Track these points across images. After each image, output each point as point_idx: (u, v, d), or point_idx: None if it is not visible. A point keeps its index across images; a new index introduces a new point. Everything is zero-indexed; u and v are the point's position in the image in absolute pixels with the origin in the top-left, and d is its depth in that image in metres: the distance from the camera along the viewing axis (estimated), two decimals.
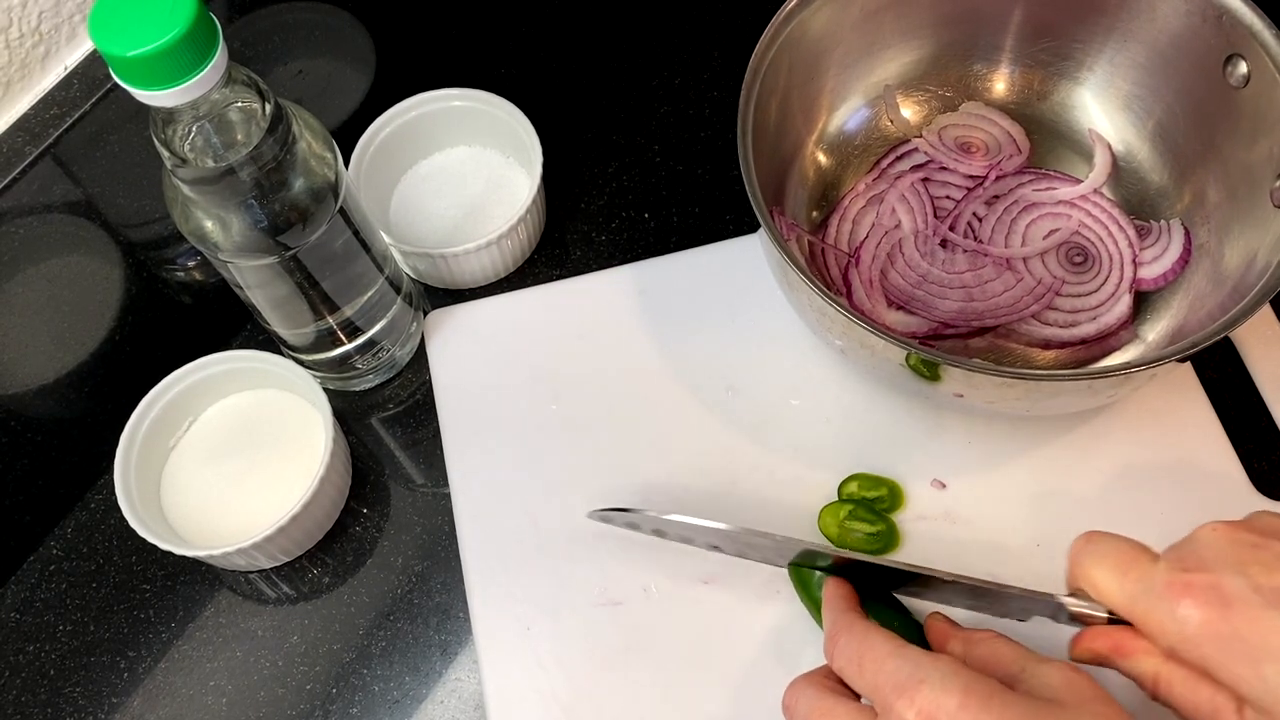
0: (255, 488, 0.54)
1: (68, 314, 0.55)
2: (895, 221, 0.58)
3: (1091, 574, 0.39)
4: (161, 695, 0.52)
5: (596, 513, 0.49)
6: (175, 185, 0.44)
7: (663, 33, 0.69)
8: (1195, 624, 0.36)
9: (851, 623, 0.40)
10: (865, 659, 0.38)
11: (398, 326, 0.56)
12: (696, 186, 0.63)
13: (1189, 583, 0.36)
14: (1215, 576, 0.36)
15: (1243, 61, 0.50)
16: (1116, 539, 0.40)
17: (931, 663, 0.36)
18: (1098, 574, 0.39)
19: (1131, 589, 0.38)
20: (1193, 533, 0.39)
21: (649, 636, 0.50)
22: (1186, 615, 0.36)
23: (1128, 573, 0.38)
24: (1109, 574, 0.39)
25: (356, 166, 0.59)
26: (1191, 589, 0.36)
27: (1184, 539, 0.39)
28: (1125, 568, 0.38)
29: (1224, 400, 0.54)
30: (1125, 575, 0.38)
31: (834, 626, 0.41)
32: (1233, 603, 0.35)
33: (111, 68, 0.38)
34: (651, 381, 0.56)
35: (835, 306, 0.45)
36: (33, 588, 0.55)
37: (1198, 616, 0.36)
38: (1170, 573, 0.37)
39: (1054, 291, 0.56)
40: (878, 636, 0.39)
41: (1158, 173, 0.57)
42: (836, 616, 0.42)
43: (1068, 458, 0.53)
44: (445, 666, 0.52)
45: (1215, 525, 0.38)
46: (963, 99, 0.60)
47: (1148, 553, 0.39)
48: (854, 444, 0.54)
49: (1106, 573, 0.39)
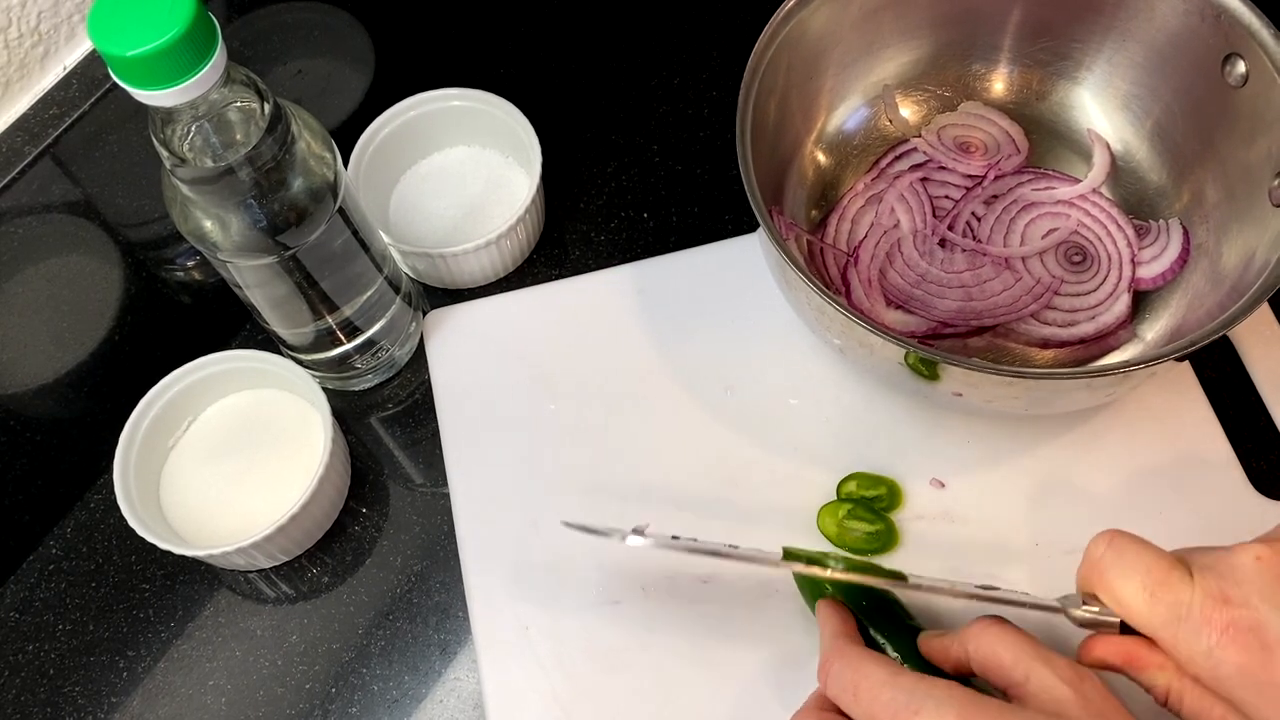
0: (255, 487, 0.54)
1: (67, 314, 0.55)
2: (894, 221, 0.58)
3: (1115, 585, 0.37)
4: (161, 695, 0.52)
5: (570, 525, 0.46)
6: (174, 185, 0.44)
7: (662, 33, 0.69)
8: (1231, 666, 0.34)
9: (844, 649, 0.39)
10: (860, 688, 0.37)
11: (397, 326, 0.56)
12: (695, 186, 0.63)
13: (1230, 621, 0.34)
14: (1257, 615, 0.34)
15: (1241, 61, 0.50)
16: (1143, 548, 0.37)
17: (927, 690, 0.35)
18: (1124, 588, 0.37)
19: (1164, 614, 0.36)
20: (1232, 554, 0.36)
21: (649, 636, 0.50)
22: (1223, 657, 0.34)
23: (1157, 594, 0.36)
24: (1137, 591, 0.36)
25: (356, 166, 0.59)
26: (1231, 629, 0.34)
27: (1221, 559, 0.36)
28: (1154, 587, 0.36)
29: (1223, 399, 0.54)
30: (1155, 597, 0.36)
31: (828, 653, 0.40)
32: (1275, 651, 0.33)
33: (110, 68, 0.38)
34: (650, 381, 0.56)
35: (834, 305, 0.45)
36: (32, 587, 0.55)
37: (1236, 660, 0.34)
38: (1209, 605, 0.35)
39: (1053, 291, 0.56)
40: (871, 664, 0.38)
41: (1156, 172, 0.57)
42: (830, 642, 0.41)
43: (1067, 457, 0.53)
44: (444, 666, 0.52)
45: (1260, 553, 0.36)
46: (961, 99, 0.60)
47: (1179, 568, 0.36)
48: (853, 443, 0.54)
49: (1135, 589, 0.36)
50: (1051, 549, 0.51)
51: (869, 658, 0.38)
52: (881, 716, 0.36)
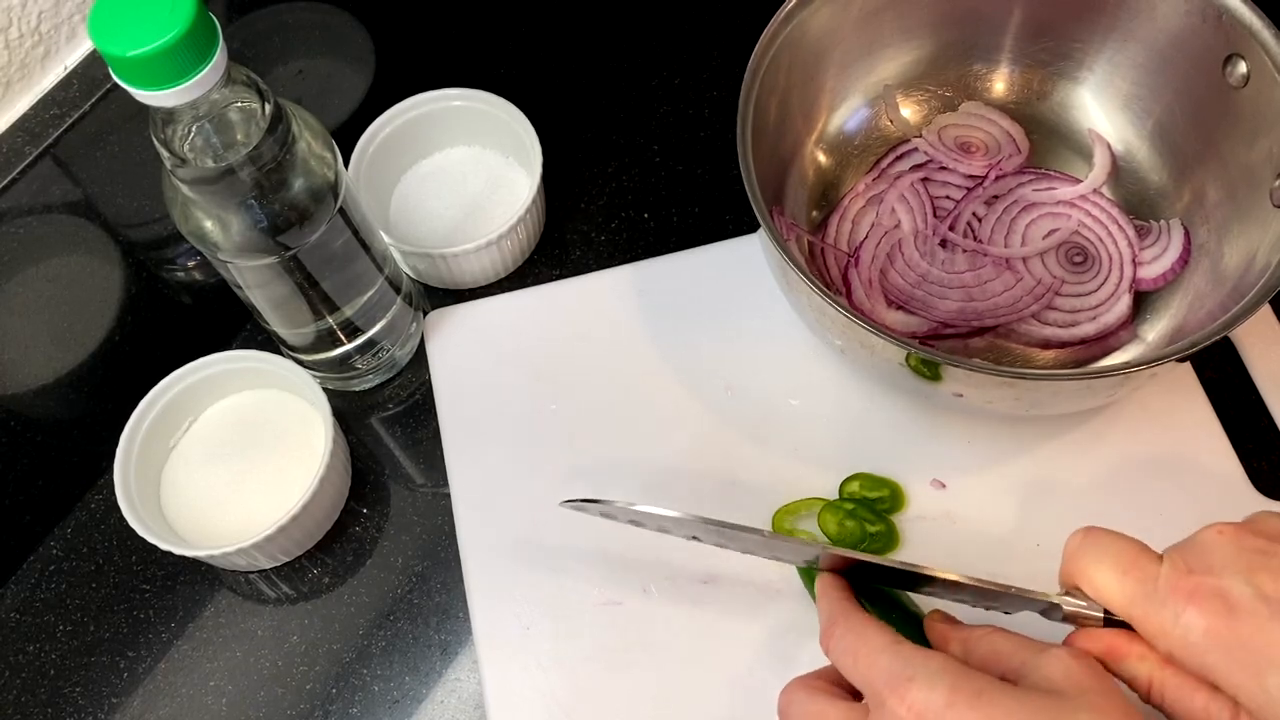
0: (255, 488, 0.54)
1: (68, 314, 0.55)
2: (895, 221, 0.58)
3: (1090, 572, 0.39)
4: (161, 695, 0.52)
5: (568, 503, 0.47)
6: (175, 185, 0.44)
7: (662, 33, 0.69)
8: (1199, 631, 0.35)
9: (848, 613, 0.40)
10: (860, 652, 0.38)
11: (397, 326, 0.56)
12: (696, 186, 0.63)
13: (1194, 587, 0.36)
14: (1221, 582, 0.35)
15: (1242, 61, 0.50)
16: (1116, 536, 0.39)
17: (923, 660, 0.36)
18: (1096, 572, 0.38)
19: (1132, 590, 0.37)
20: (1196, 534, 0.38)
21: (649, 636, 0.50)
22: (1190, 622, 0.35)
23: (1128, 573, 0.37)
24: (1109, 573, 0.38)
25: (356, 166, 0.59)
26: (1196, 595, 0.35)
27: (1187, 540, 0.38)
28: (1126, 567, 0.38)
29: (1224, 400, 0.54)
30: (1126, 575, 0.38)
31: (830, 618, 0.40)
32: (1238, 611, 0.35)
33: (111, 68, 0.38)
34: (651, 381, 0.56)
35: (835, 306, 0.45)
36: (33, 588, 0.55)
37: (1202, 624, 0.35)
38: (1174, 575, 0.36)
39: (1053, 291, 0.56)
40: (873, 630, 0.38)
41: (1157, 172, 0.57)
42: (832, 606, 0.41)
43: (1067, 457, 0.53)
44: (445, 666, 0.52)
45: (1221, 528, 0.37)
46: (962, 99, 0.60)
47: (1148, 552, 0.38)
48: (853, 444, 0.54)
49: (1106, 571, 0.38)
50: (1052, 549, 0.50)
51: (871, 624, 0.39)
52: (877, 681, 0.36)
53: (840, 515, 0.51)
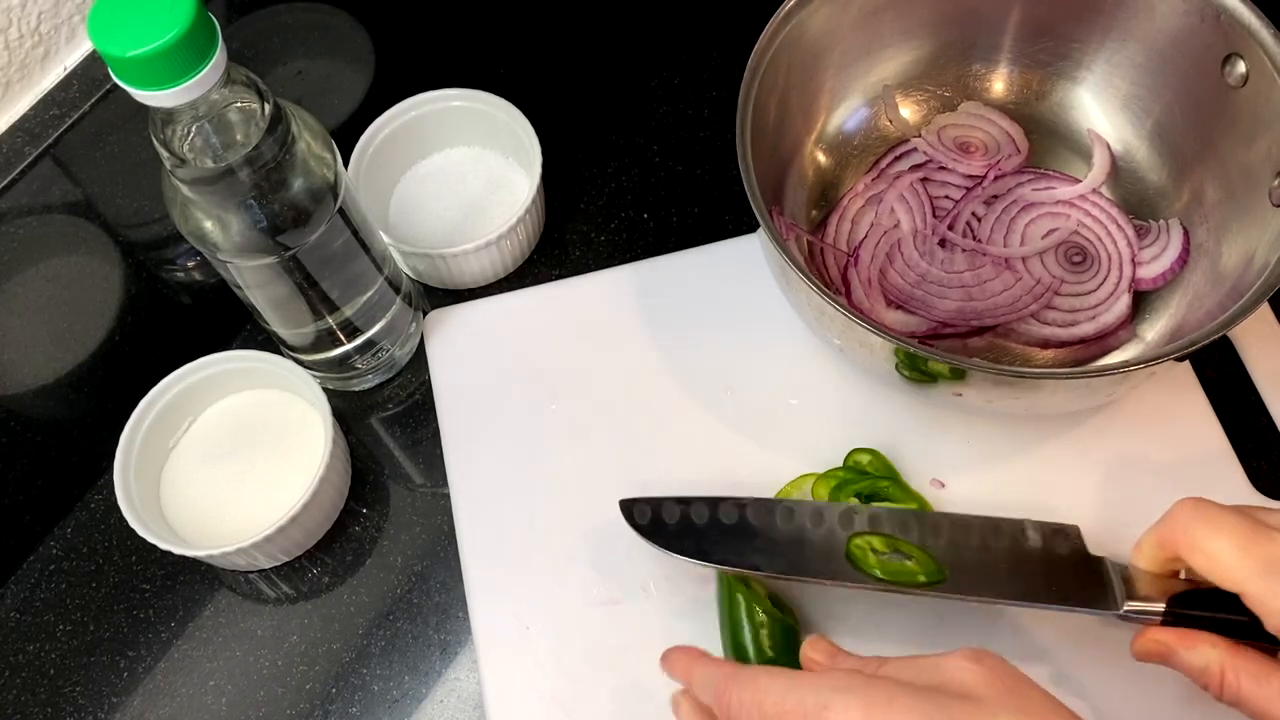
0: (255, 488, 0.54)
1: (68, 314, 0.55)
2: (894, 221, 0.58)
3: (1206, 544, 0.39)
4: (161, 695, 0.52)
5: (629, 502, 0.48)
6: (175, 185, 0.44)
7: (662, 33, 0.69)
8: None
9: (734, 672, 0.38)
10: (765, 704, 0.36)
11: (397, 326, 0.56)
12: (696, 186, 0.63)
13: None
14: None
15: (1241, 61, 0.50)
16: (1229, 510, 0.40)
17: (829, 684, 0.35)
18: (1216, 545, 0.39)
19: (1254, 565, 0.38)
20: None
21: (649, 636, 0.50)
22: None
23: (1249, 549, 0.38)
24: (1229, 548, 0.38)
25: (356, 167, 0.59)
26: None
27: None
28: (1246, 543, 0.38)
29: (1223, 399, 0.54)
30: (1246, 551, 0.38)
31: (719, 684, 0.38)
32: None
33: (111, 68, 0.38)
34: (650, 381, 0.56)
35: (834, 306, 0.45)
36: (33, 588, 0.55)
37: None
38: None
39: (1053, 291, 0.56)
40: (765, 677, 0.37)
41: (1156, 172, 0.57)
42: (712, 672, 0.40)
43: (1067, 457, 0.53)
44: (445, 666, 0.52)
45: None
46: (961, 99, 0.60)
47: (1263, 527, 0.39)
48: (853, 443, 0.53)
49: (1226, 545, 0.38)
50: None
51: (761, 672, 0.38)
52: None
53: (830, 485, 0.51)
